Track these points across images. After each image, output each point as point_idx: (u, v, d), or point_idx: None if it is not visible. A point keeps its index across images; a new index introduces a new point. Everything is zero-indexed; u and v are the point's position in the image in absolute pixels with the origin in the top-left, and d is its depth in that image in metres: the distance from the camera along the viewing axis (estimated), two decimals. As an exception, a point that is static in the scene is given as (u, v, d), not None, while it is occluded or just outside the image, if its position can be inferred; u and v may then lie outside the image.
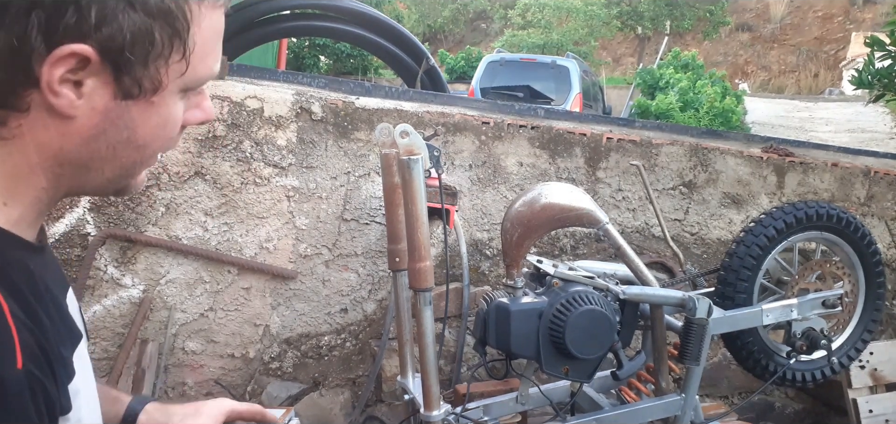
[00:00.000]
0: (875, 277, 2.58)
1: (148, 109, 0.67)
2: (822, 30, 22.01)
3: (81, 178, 0.68)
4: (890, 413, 3.23)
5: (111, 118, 0.65)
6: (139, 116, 0.66)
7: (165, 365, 2.85)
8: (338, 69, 16.77)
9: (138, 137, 0.68)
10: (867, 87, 4.41)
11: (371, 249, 3.03)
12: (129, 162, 0.69)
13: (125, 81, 0.64)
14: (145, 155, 0.70)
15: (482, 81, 10.47)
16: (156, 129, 0.68)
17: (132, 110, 0.66)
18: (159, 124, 0.69)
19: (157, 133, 0.69)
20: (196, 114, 0.74)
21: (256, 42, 5.35)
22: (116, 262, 2.77)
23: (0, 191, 0.65)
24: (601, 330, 2.09)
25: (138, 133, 0.67)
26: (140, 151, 0.69)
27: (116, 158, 0.68)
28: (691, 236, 3.46)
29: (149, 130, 0.68)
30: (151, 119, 0.67)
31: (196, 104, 0.73)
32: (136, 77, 0.64)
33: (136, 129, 0.67)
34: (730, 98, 11.94)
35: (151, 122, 0.68)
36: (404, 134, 1.92)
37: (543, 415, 2.73)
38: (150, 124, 0.68)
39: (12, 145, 0.63)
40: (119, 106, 0.65)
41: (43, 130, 0.63)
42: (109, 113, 0.64)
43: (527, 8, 20.10)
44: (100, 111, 0.64)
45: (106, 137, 0.66)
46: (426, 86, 4.95)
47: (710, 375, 3.44)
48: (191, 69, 0.67)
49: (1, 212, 0.64)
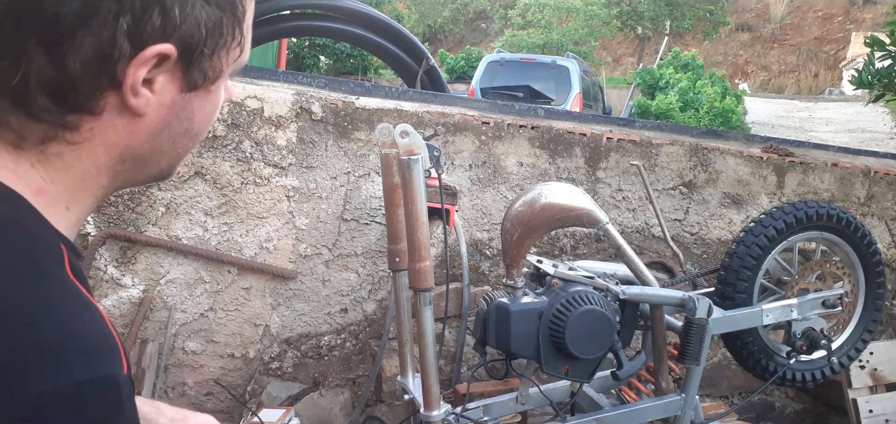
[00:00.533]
0: (875, 277, 2.58)
1: (205, 97, 0.68)
2: (822, 30, 22.01)
3: (138, 172, 0.68)
4: (890, 413, 3.23)
5: (175, 111, 0.65)
6: (198, 105, 0.67)
7: (165, 365, 2.85)
8: (338, 69, 16.77)
9: (195, 126, 0.69)
10: (867, 87, 4.41)
11: (371, 249, 3.03)
12: (184, 151, 0.70)
13: (193, 73, 0.64)
14: (197, 142, 0.71)
15: (482, 81, 10.47)
16: (209, 115, 0.70)
17: (193, 101, 0.66)
18: (212, 111, 0.70)
19: (209, 120, 0.70)
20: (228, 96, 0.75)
21: (256, 42, 5.35)
22: (116, 262, 2.77)
23: (65, 195, 0.63)
24: (601, 330, 2.09)
25: (195, 122, 0.68)
26: (195, 139, 0.70)
27: (175, 149, 0.68)
28: (691, 236, 3.46)
29: (204, 117, 0.69)
30: (207, 107, 0.69)
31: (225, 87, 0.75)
32: (203, 69, 0.65)
33: (194, 118, 0.68)
34: (730, 98, 11.94)
35: (206, 109, 0.69)
36: (404, 134, 1.92)
37: (543, 415, 2.73)
38: (205, 112, 0.69)
39: (82, 149, 0.62)
40: (183, 98, 0.65)
41: (112, 130, 0.63)
42: (175, 106, 0.65)
43: (527, 8, 20.09)
44: (167, 106, 0.64)
45: (169, 131, 0.66)
46: (426, 86, 4.95)
47: (710, 375, 3.44)
48: (243, 55, 0.69)
49: (63, 217, 0.63)
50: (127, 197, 2.74)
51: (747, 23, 23.06)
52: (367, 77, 16.04)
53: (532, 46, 17.97)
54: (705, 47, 21.53)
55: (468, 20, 25.90)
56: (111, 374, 0.55)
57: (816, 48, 21.40)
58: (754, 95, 16.71)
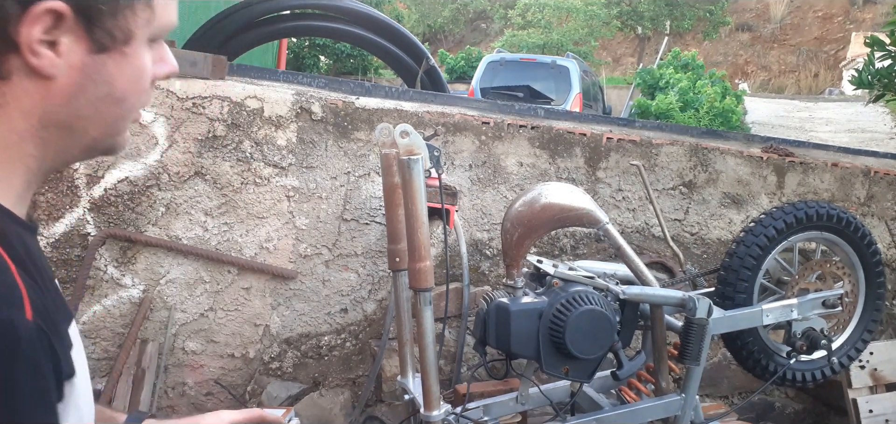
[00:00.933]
0: (875, 277, 2.58)
1: (122, 60, 0.68)
2: (822, 30, 22.01)
3: (68, 141, 0.69)
4: (890, 413, 3.23)
5: (89, 73, 0.66)
6: (115, 68, 0.68)
7: (165, 365, 2.85)
8: (338, 69, 16.77)
9: (117, 91, 0.69)
10: (867, 87, 4.41)
11: (371, 249, 3.03)
12: (111, 118, 0.71)
13: (98, 34, 0.65)
14: (126, 109, 0.72)
15: (482, 81, 10.48)
16: (132, 81, 0.70)
17: (108, 64, 0.67)
18: (134, 76, 0.70)
19: (133, 85, 0.71)
20: (162, 68, 0.75)
21: (256, 42, 5.35)
22: (116, 262, 2.77)
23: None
24: (601, 330, 2.09)
25: (117, 86, 0.69)
26: (120, 105, 0.71)
27: (99, 115, 0.69)
28: (691, 236, 3.46)
29: (125, 82, 0.70)
30: (126, 71, 0.69)
31: (160, 58, 0.75)
32: (108, 28, 0.66)
33: (114, 82, 0.69)
34: (730, 98, 11.94)
35: (127, 73, 0.69)
36: (404, 134, 1.92)
37: (543, 415, 2.73)
38: (126, 76, 0.69)
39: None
40: (95, 61, 0.66)
41: (25, 95, 0.64)
42: (87, 68, 0.66)
43: (527, 8, 20.09)
44: (78, 68, 0.65)
45: (86, 95, 0.67)
46: (426, 86, 4.95)
47: (710, 375, 3.44)
48: (156, 17, 0.70)
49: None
50: (127, 197, 2.75)
51: (747, 23, 23.05)
52: (367, 77, 16.04)
53: (532, 46, 17.97)
54: (705, 47, 21.53)
55: (468, 20, 25.90)
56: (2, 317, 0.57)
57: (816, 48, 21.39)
58: (754, 95, 16.71)
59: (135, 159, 2.74)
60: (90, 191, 2.71)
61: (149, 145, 2.75)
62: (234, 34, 4.82)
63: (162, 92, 2.74)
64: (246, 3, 4.94)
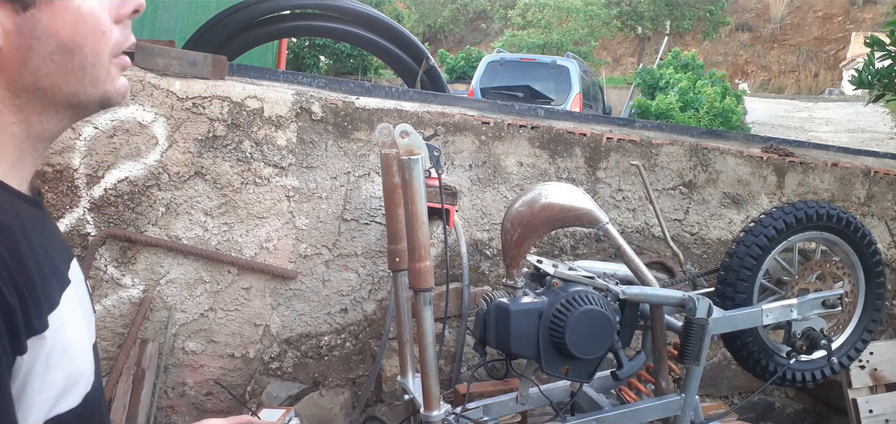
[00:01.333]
0: (875, 277, 2.58)
1: (52, 9, 0.68)
2: (822, 30, 22.01)
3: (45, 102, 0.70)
4: (890, 413, 3.23)
5: (26, 33, 0.67)
6: (50, 19, 0.68)
7: (165, 365, 2.85)
8: (338, 69, 16.77)
9: (65, 40, 0.69)
10: (867, 87, 4.41)
11: (371, 249, 3.03)
12: (75, 68, 0.70)
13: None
14: (87, 56, 0.71)
15: (482, 81, 10.47)
16: (75, 25, 0.70)
17: (40, 17, 0.67)
18: (77, 20, 0.70)
19: (79, 29, 0.70)
20: (126, 4, 0.74)
21: (256, 42, 5.35)
22: (116, 262, 2.77)
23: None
24: (601, 330, 2.09)
25: (62, 35, 0.69)
26: (78, 53, 0.70)
27: (61, 70, 0.69)
28: (691, 236, 3.46)
29: (69, 28, 0.69)
30: (65, 16, 0.69)
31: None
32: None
33: (57, 32, 0.68)
34: (730, 98, 11.94)
35: (66, 20, 0.69)
36: (404, 134, 1.92)
37: (543, 415, 2.73)
38: (67, 21, 0.69)
39: None
40: (25, 18, 0.67)
41: None
42: (22, 29, 0.67)
43: (527, 8, 20.10)
44: (13, 31, 0.66)
45: (37, 53, 0.68)
46: (426, 86, 4.95)
47: (710, 375, 3.44)
48: None
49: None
50: (127, 197, 2.75)
51: (747, 23, 23.05)
52: (367, 77, 16.05)
53: (532, 46, 17.97)
54: (705, 47, 21.52)
55: (468, 20, 25.90)
56: None
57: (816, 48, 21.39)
58: (754, 95, 16.71)
59: (135, 159, 2.74)
60: (90, 191, 2.72)
61: (149, 145, 2.75)
62: (234, 34, 4.82)
63: (162, 92, 2.74)
64: (246, 3, 4.94)
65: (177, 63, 2.77)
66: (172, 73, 2.76)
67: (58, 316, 0.70)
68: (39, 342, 0.67)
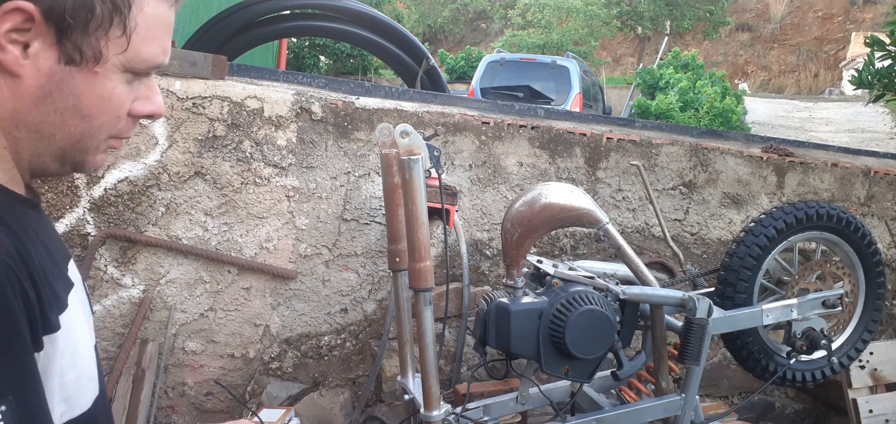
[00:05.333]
0: (875, 277, 2.58)
1: (91, 79, 0.71)
2: (822, 30, 22.01)
3: (38, 145, 0.72)
4: (890, 413, 3.23)
5: (56, 81, 0.69)
6: (83, 84, 0.70)
7: (165, 365, 2.85)
8: (338, 69, 16.77)
9: (83, 106, 0.71)
10: (867, 87, 4.41)
11: (371, 249, 3.03)
12: (77, 133, 0.73)
13: (67, 46, 0.68)
14: (93, 127, 0.74)
15: (482, 81, 10.47)
16: (100, 101, 0.72)
17: (76, 77, 0.70)
18: (103, 97, 0.72)
19: (101, 106, 0.73)
20: (145, 105, 0.77)
21: (256, 42, 5.35)
22: (116, 262, 2.77)
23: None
24: (601, 330, 2.09)
25: (83, 102, 0.71)
26: (87, 121, 0.73)
27: (65, 125, 0.72)
28: (691, 236, 3.46)
29: (93, 101, 0.72)
30: (95, 90, 0.71)
31: (145, 96, 0.77)
32: (77, 43, 0.68)
33: (81, 97, 0.71)
34: (730, 98, 11.93)
35: (95, 92, 0.71)
36: (404, 134, 1.92)
37: (543, 415, 2.73)
38: (94, 95, 0.72)
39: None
40: (63, 71, 0.69)
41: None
42: (54, 76, 0.69)
43: (527, 8, 20.10)
44: (45, 73, 0.68)
45: (53, 101, 0.70)
46: (426, 86, 4.95)
47: (710, 375, 3.44)
48: (132, 48, 0.72)
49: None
50: (127, 197, 2.75)
51: (747, 23, 23.05)
52: (367, 77, 16.04)
53: (532, 46, 17.97)
54: (705, 47, 21.52)
55: (468, 20, 25.90)
56: None
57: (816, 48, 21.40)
58: (754, 95, 16.71)
59: (135, 159, 2.74)
60: (90, 191, 2.72)
61: (149, 145, 2.75)
62: (234, 34, 4.82)
63: (162, 92, 2.73)
64: (246, 3, 4.94)
65: (177, 63, 2.77)
66: (172, 73, 2.76)
67: (67, 317, 0.71)
68: (53, 342, 0.67)
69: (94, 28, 0.68)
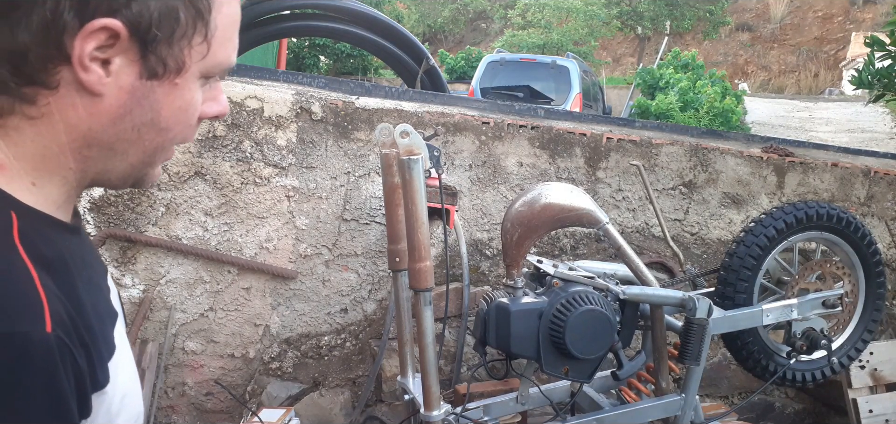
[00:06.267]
0: (875, 277, 2.58)
1: (172, 90, 0.68)
2: (822, 30, 22.01)
3: (107, 162, 0.69)
4: (890, 413, 3.23)
5: (137, 98, 0.66)
6: (163, 97, 0.68)
7: (165, 365, 2.85)
8: (338, 69, 16.77)
9: (162, 120, 0.69)
10: (867, 87, 4.41)
11: (371, 249, 3.03)
12: (151, 146, 0.70)
13: (151, 60, 0.65)
14: (167, 140, 0.71)
15: (482, 81, 10.46)
16: (178, 112, 0.70)
17: (157, 91, 0.67)
18: (182, 108, 0.70)
19: (178, 117, 0.70)
20: (212, 106, 0.75)
21: (256, 42, 5.35)
22: (116, 262, 2.77)
23: (29, 171, 0.65)
24: (601, 330, 2.09)
25: (162, 115, 0.68)
26: (163, 134, 0.70)
27: (141, 140, 0.69)
28: (691, 236, 3.46)
29: (172, 112, 0.69)
30: (175, 101, 0.69)
31: (212, 97, 0.74)
32: (162, 56, 0.65)
33: (160, 110, 0.68)
34: (730, 98, 11.93)
35: (175, 104, 0.69)
36: (404, 134, 1.92)
37: (543, 415, 2.73)
38: (174, 107, 0.69)
39: (41, 125, 0.64)
40: (144, 86, 0.66)
41: (71, 108, 0.64)
42: (136, 92, 0.66)
43: (527, 8, 20.10)
44: (127, 90, 0.65)
45: (132, 118, 0.67)
46: (426, 86, 4.95)
47: (710, 375, 3.44)
48: (211, 53, 0.69)
49: (30, 192, 0.65)
50: (127, 197, 2.75)
51: (747, 23, 23.06)
52: (367, 77, 16.04)
53: (532, 46, 17.97)
54: (705, 47, 21.53)
55: (468, 20, 25.90)
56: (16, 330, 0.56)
57: (816, 48, 21.40)
58: (754, 95, 16.72)
59: (135, 159, 2.73)
60: (90, 191, 2.72)
61: (149, 145, 2.75)
62: (233, 34, 4.81)
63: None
64: (246, 3, 4.94)
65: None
66: (172, 73, 2.76)
67: (115, 361, 0.68)
68: (102, 398, 0.65)
69: (178, 38, 0.65)
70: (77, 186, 0.70)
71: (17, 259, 0.59)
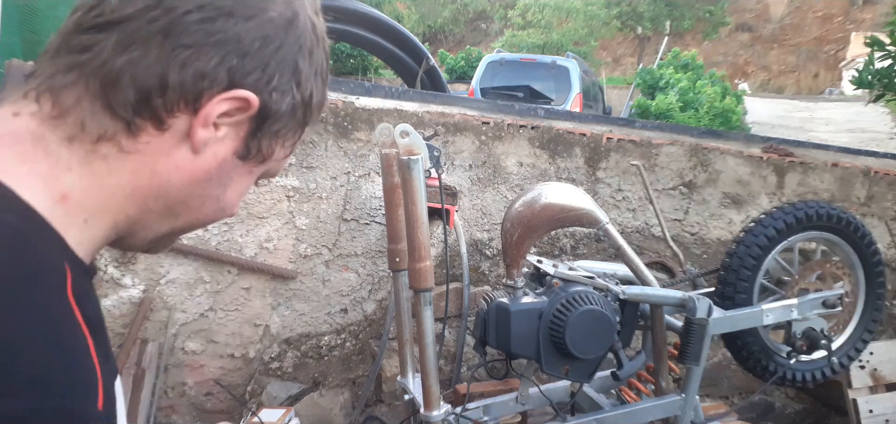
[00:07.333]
0: (875, 277, 2.57)
1: (245, 175, 0.68)
2: (822, 30, 22.02)
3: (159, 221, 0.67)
4: (890, 413, 3.23)
5: (222, 170, 0.65)
6: (237, 178, 0.67)
7: (165, 365, 2.85)
8: (338, 69, 16.76)
9: (226, 197, 0.68)
10: (867, 87, 4.41)
11: (371, 249, 3.03)
12: (200, 218, 0.69)
13: (250, 142, 0.65)
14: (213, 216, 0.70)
15: (482, 81, 10.46)
16: (237, 196, 0.69)
17: (238, 170, 0.66)
18: (241, 192, 0.69)
19: (234, 200, 0.69)
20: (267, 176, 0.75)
21: (256, 42, 5.34)
22: (116, 262, 2.77)
23: (88, 206, 0.61)
24: (601, 330, 2.09)
25: (227, 193, 0.68)
26: (218, 212, 0.69)
27: (200, 209, 0.68)
28: (691, 236, 3.46)
29: (234, 195, 0.69)
30: (241, 185, 0.69)
31: None
32: (261, 143, 0.65)
33: (228, 188, 0.67)
34: (730, 98, 11.93)
35: (240, 187, 0.69)
36: (404, 134, 1.92)
37: (543, 415, 2.72)
38: (238, 190, 0.69)
39: (129, 161, 0.61)
40: (232, 162, 0.65)
41: (164, 156, 0.62)
42: (224, 164, 0.65)
43: (527, 8, 20.09)
44: (219, 160, 0.64)
45: (207, 186, 0.66)
46: (426, 86, 4.96)
47: (710, 375, 3.43)
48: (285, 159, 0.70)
49: (79, 229, 0.60)
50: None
51: (747, 23, 23.07)
52: (367, 77, 16.04)
53: (532, 46, 17.97)
54: (705, 47, 21.53)
55: (468, 20, 25.91)
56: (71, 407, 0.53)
57: (816, 48, 21.41)
58: (754, 95, 16.72)
59: (135, 159, 2.74)
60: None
61: (149, 145, 2.75)
62: (234, 34, 4.81)
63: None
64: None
65: None
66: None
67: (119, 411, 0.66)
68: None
69: (281, 135, 0.65)
70: (116, 235, 0.66)
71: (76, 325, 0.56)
